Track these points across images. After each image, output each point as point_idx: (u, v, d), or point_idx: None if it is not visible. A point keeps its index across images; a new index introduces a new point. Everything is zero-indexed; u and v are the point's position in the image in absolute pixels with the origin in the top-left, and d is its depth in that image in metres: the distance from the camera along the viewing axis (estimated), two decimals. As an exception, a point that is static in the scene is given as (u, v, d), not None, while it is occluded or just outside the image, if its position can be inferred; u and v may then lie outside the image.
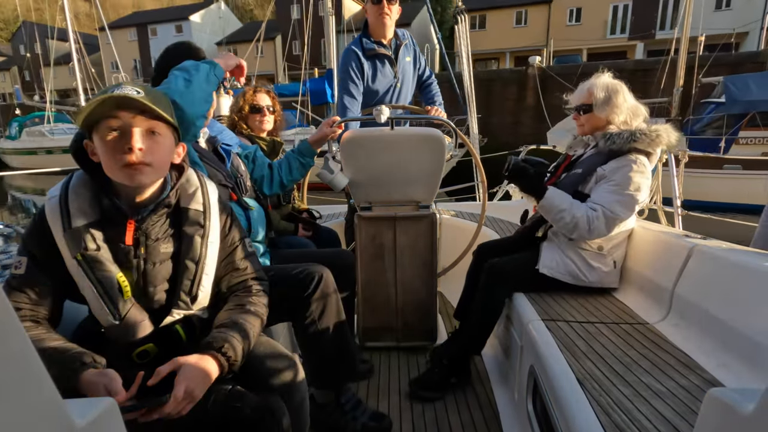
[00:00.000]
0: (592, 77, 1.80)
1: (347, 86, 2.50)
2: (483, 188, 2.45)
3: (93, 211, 0.99)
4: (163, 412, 0.87)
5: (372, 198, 2.10)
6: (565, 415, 1.06)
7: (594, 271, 1.77)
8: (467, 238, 2.48)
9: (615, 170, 1.69)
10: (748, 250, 1.48)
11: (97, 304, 0.98)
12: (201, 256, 1.07)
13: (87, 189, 1.00)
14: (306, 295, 1.41)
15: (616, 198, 1.66)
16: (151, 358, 1.04)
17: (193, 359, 0.94)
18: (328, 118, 1.94)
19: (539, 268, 1.80)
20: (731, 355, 1.22)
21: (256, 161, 1.87)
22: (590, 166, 1.77)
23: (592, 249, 1.77)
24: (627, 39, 23.22)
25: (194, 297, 1.07)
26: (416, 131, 1.97)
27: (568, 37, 23.61)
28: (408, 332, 2.14)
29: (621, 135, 1.67)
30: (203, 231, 1.08)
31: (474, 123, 4.66)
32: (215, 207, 1.13)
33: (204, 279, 1.08)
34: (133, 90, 0.93)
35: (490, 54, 26.18)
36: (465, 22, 4.40)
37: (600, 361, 1.25)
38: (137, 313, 1.01)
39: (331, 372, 1.55)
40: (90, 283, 0.97)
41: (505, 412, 1.70)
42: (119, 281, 0.99)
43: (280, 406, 1.06)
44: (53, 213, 0.98)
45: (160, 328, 1.04)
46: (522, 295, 1.79)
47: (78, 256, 0.96)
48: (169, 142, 1.02)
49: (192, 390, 0.90)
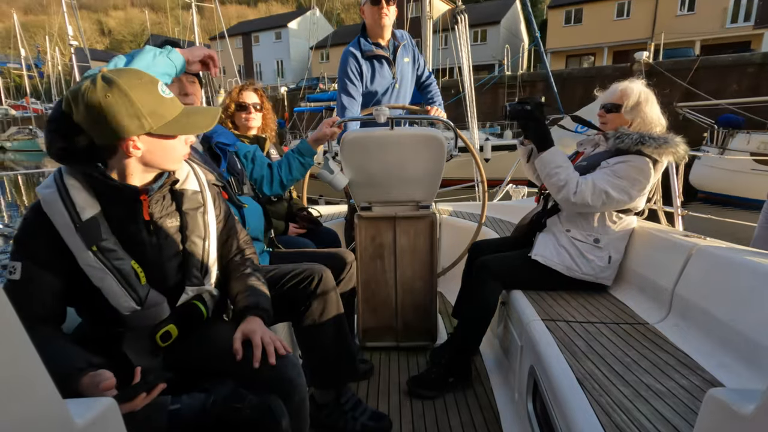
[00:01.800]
0: (626, 80, 1.83)
1: (346, 87, 2.52)
2: (483, 188, 2.46)
3: (95, 203, 1.01)
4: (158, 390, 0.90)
5: (372, 198, 2.10)
6: (565, 415, 1.06)
7: (588, 263, 1.79)
8: (467, 238, 2.48)
9: (616, 162, 1.73)
10: (748, 250, 1.48)
11: (118, 291, 1.01)
12: (206, 231, 1.16)
13: (81, 182, 1.01)
14: (306, 295, 1.41)
15: (609, 179, 1.70)
16: (173, 339, 1.09)
17: (244, 326, 1.10)
18: (328, 118, 1.94)
19: (532, 255, 1.84)
20: (731, 355, 1.22)
21: (256, 161, 1.86)
22: (595, 160, 1.82)
23: (587, 241, 1.80)
24: (752, 27, 20.57)
25: (206, 271, 1.15)
26: (416, 131, 1.97)
27: (677, 29, 21.35)
28: (408, 332, 2.14)
29: (630, 136, 1.71)
30: (203, 208, 1.16)
31: (474, 123, 4.66)
32: (206, 186, 1.21)
33: (212, 252, 1.17)
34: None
35: (586, 50, 24.93)
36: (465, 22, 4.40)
37: (600, 361, 1.25)
38: (156, 296, 1.07)
39: (331, 372, 1.55)
40: (109, 272, 0.99)
41: (505, 413, 1.70)
42: (134, 267, 1.03)
43: (279, 406, 1.06)
44: (55, 209, 0.97)
45: (179, 308, 1.10)
46: (521, 294, 1.79)
47: (93, 247, 0.98)
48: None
49: (257, 333, 1.08)
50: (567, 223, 1.86)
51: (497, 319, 2.09)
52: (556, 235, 1.85)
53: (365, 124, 2.23)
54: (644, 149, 1.68)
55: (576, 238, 1.81)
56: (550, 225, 1.90)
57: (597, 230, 1.80)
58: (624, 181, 1.70)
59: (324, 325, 1.45)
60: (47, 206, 0.98)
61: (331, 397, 1.59)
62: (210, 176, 1.30)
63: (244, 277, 1.24)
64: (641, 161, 1.69)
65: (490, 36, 27.43)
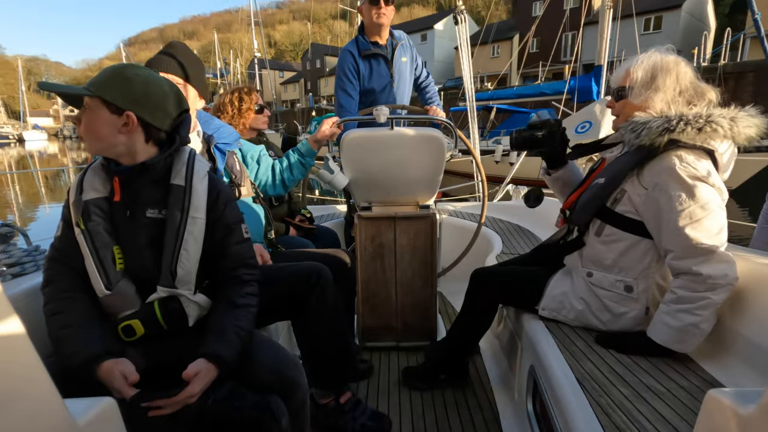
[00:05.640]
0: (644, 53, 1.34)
1: (343, 85, 2.55)
2: (483, 188, 2.46)
3: (103, 187, 1.11)
4: (170, 404, 0.95)
5: (372, 198, 2.10)
6: (565, 415, 1.06)
7: (616, 319, 1.35)
8: (467, 238, 2.48)
9: (654, 188, 1.22)
10: (748, 250, 1.48)
11: (93, 273, 1.06)
12: (180, 231, 1.10)
13: (102, 168, 1.13)
14: (306, 295, 1.41)
15: (680, 229, 1.18)
16: (137, 337, 1.08)
17: (196, 365, 1.01)
18: (328, 118, 1.94)
19: (539, 310, 1.49)
20: (731, 355, 1.22)
21: (261, 162, 1.86)
22: (613, 173, 1.34)
23: (615, 290, 1.34)
24: None
25: (173, 273, 1.09)
26: (416, 131, 1.97)
27: None
28: (408, 332, 2.14)
29: (650, 124, 1.21)
30: (182, 206, 1.11)
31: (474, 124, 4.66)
32: (200, 185, 1.14)
33: (183, 255, 1.09)
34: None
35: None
36: (465, 22, 4.39)
37: (600, 361, 1.24)
38: (126, 286, 1.08)
39: (331, 372, 1.55)
40: (89, 253, 1.06)
41: (505, 413, 1.70)
42: (114, 252, 1.08)
43: (280, 406, 1.06)
44: (73, 187, 1.11)
45: (147, 304, 1.09)
46: None
47: (81, 225, 1.06)
48: (96, 116, 1.06)
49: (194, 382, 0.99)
50: (589, 263, 1.40)
51: (497, 319, 2.09)
52: (573, 280, 1.43)
53: (365, 124, 2.24)
54: (681, 137, 1.18)
55: (599, 285, 1.37)
56: (569, 264, 1.49)
57: (631, 273, 1.33)
58: (692, 207, 1.16)
59: (323, 325, 1.45)
60: (73, 184, 1.12)
61: (331, 397, 1.59)
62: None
63: (225, 309, 1.13)
64: (683, 161, 1.18)
65: (666, 23, 23.81)
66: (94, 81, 1.07)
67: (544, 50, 17.09)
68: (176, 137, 1.14)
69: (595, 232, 1.38)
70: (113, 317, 1.08)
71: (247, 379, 1.09)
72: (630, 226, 1.31)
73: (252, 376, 1.09)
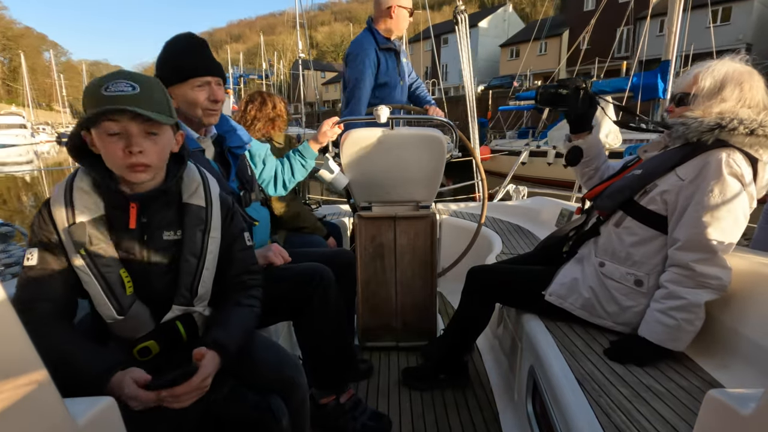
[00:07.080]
0: (716, 60, 1.28)
1: (365, 78, 2.44)
2: (483, 188, 2.46)
3: (97, 207, 1.00)
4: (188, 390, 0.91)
5: (372, 198, 2.10)
6: (565, 415, 1.06)
7: (621, 312, 1.35)
8: (467, 238, 2.48)
9: (694, 178, 1.21)
10: (748, 250, 1.48)
11: (100, 299, 0.99)
12: (202, 251, 1.07)
13: (90, 184, 1.00)
14: (306, 295, 1.41)
15: (700, 223, 1.18)
16: (152, 356, 1.04)
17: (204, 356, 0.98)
18: (328, 118, 1.94)
19: (546, 295, 1.46)
20: (731, 355, 1.22)
21: (267, 161, 1.85)
22: (654, 165, 1.32)
23: (624, 282, 1.33)
24: None
25: (194, 292, 1.06)
26: (416, 131, 1.97)
27: None
28: (408, 332, 2.14)
29: (701, 120, 1.20)
30: (204, 226, 1.08)
31: (474, 124, 4.65)
32: (217, 202, 1.12)
33: (205, 274, 1.08)
34: (128, 86, 0.93)
35: None
36: (465, 22, 4.39)
37: (600, 361, 1.24)
38: (140, 309, 1.02)
39: (331, 372, 1.55)
40: (94, 278, 0.98)
41: (505, 413, 1.70)
42: (122, 276, 1.00)
43: (280, 406, 1.06)
44: (59, 208, 0.98)
45: (162, 325, 1.04)
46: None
47: (82, 251, 0.97)
48: (166, 140, 1.02)
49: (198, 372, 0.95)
50: (603, 253, 1.40)
51: (497, 319, 2.09)
52: (584, 269, 1.42)
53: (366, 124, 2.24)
54: (731, 138, 1.17)
55: (609, 276, 1.36)
56: (581, 254, 1.48)
57: (643, 268, 1.32)
58: (719, 205, 1.16)
59: (324, 325, 1.45)
60: (54, 203, 0.98)
61: (331, 396, 1.59)
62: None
63: (229, 308, 1.13)
64: (730, 159, 1.16)
65: (735, 14, 20.86)
66: (147, 96, 0.95)
67: (595, 47, 16.40)
68: (183, 154, 1.10)
69: (615, 223, 1.38)
70: (125, 341, 1.03)
71: (248, 379, 1.09)
72: (651, 221, 1.31)
73: (252, 376, 1.09)
